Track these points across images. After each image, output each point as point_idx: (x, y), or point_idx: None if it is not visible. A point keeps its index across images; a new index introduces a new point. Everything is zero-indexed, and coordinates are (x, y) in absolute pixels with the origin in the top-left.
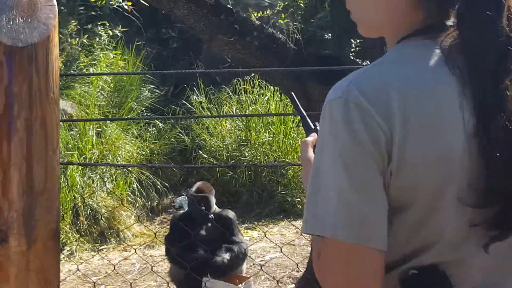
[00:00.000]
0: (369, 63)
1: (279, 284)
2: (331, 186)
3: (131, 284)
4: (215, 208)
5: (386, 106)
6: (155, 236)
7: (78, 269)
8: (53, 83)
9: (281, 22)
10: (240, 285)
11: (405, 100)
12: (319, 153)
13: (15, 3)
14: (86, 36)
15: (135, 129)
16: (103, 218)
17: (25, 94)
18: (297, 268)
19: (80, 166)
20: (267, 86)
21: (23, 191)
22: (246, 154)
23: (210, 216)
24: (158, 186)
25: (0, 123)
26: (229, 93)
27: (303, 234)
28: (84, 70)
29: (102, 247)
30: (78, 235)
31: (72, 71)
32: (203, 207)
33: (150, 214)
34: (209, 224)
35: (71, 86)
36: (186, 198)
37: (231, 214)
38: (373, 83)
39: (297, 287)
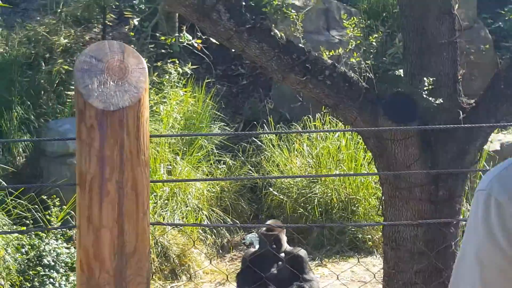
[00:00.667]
0: (442, 101)
1: None
2: (466, 279)
3: None
4: (286, 246)
5: None
6: (226, 277)
7: None
8: (143, 145)
9: (353, 60)
10: None
11: None
12: (466, 238)
13: (106, 67)
14: (156, 73)
15: (205, 167)
16: (174, 256)
17: (116, 157)
18: None
19: (150, 203)
20: (337, 123)
21: (115, 253)
22: (317, 191)
23: (281, 255)
24: (229, 223)
25: (91, 186)
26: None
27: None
28: (154, 108)
29: (173, 284)
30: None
31: None
32: (274, 246)
33: (221, 251)
34: (280, 263)
35: None
36: (256, 235)
37: (302, 252)
38: None
39: None
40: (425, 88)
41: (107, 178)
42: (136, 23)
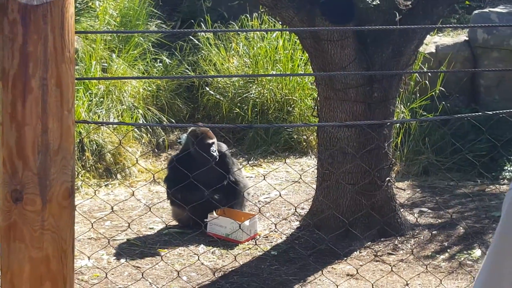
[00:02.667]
0: (378, 2)
1: (284, 221)
2: None
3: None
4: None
5: None
6: (153, 176)
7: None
8: (68, 41)
9: None
10: (245, 222)
11: None
12: (500, 249)
13: None
14: None
15: (141, 65)
16: (108, 154)
17: (40, 53)
18: (302, 205)
19: (85, 101)
20: (276, 22)
21: (38, 151)
22: (253, 92)
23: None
24: (165, 122)
25: (14, 83)
26: (236, 31)
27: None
28: (90, 4)
29: (108, 182)
30: (84, 171)
31: (77, 5)
32: (217, 151)
33: (156, 150)
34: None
35: (77, 20)
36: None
37: (224, 148)
38: None
39: (301, 223)
40: None
41: (30, 75)
42: None
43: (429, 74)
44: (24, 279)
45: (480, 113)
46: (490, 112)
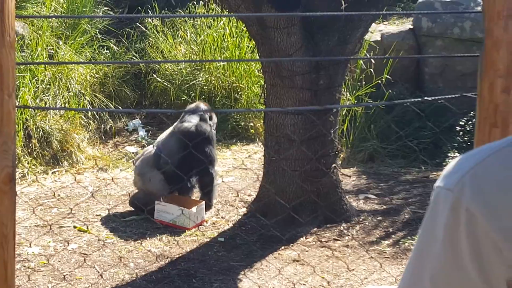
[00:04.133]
0: None
1: (231, 207)
2: None
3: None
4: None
5: None
6: (95, 162)
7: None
8: (8, 26)
9: None
10: (192, 209)
11: None
12: (420, 248)
13: None
14: None
15: (88, 52)
16: (55, 141)
17: None
18: (249, 192)
19: (31, 88)
20: (223, 10)
21: None
22: (200, 79)
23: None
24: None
25: None
26: (184, 17)
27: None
28: None
29: (55, 170)
30: (30, 158)
31: None
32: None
33: (103, 137)
34: None
35: (23, 6)
36: (140, 122)
37: None
38: (499, 181)
39: (248, 210)
40: None
41: None
42: None
43: (373, 62)
44: None
45: (419, 99)
46: (430, 98)
